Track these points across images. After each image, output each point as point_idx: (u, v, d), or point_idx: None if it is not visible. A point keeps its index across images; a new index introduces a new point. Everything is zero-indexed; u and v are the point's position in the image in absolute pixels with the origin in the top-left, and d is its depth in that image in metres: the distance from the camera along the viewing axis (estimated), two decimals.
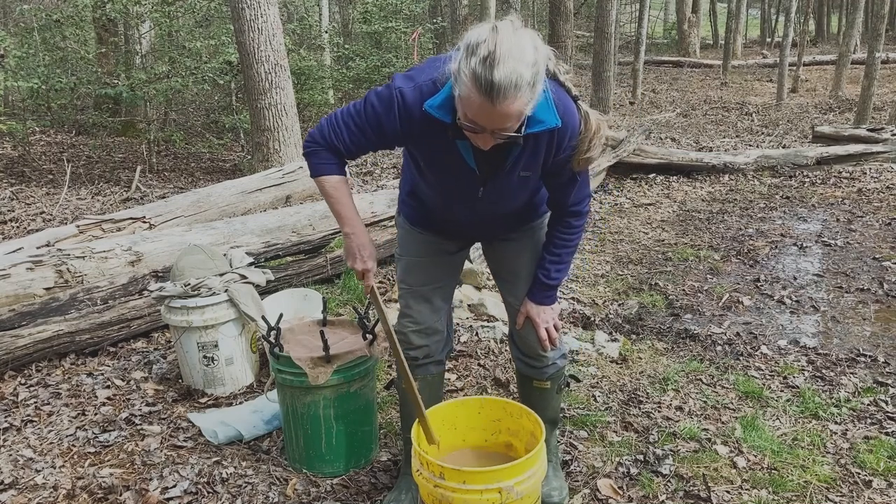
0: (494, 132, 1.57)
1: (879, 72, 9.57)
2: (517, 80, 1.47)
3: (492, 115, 1.53)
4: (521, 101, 1.50)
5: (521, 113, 1.54)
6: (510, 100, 1.49)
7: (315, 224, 4.24)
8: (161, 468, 2.40)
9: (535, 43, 1.52)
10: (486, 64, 1.46)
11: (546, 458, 1.89)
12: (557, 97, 1.67)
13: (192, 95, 9.89)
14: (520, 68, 1.47)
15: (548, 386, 2.18)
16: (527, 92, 1.50)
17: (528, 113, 1.56)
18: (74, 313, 3.28)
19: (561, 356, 2.18)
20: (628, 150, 6.62)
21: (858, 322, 3.71)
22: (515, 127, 1.57)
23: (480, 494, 1.71)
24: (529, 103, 1.54)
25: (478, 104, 1.51)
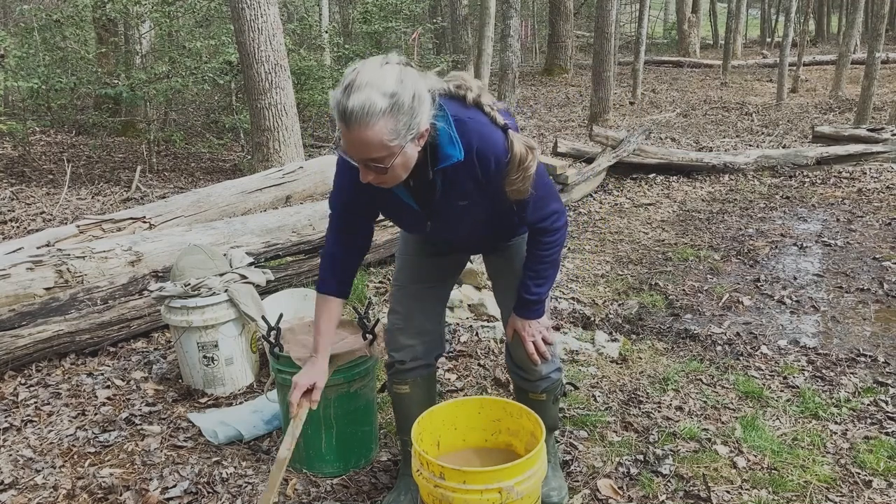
0: (367, 164, 1.60)
1: (879, 72, 9.57)
2: (369, 107, 1.50)
3: (352, 142, 1.56)
4: (376, 129, 1.52)
5: (380, 143, 1.54)
6: (363, 126, 1.51)
7: (315, 224, 4.24)
8: (161, 468, 2.40)
9: (404, 77, 1.54)
10: (345, 92, 1.52)
11: (546, 459, 1.89)
12: (466, 128, 1.67)
13: (192, 95, 9.89)
14: (374, 96, 1.50)
15: (543, 398, 2.18)
16: (382, 120, 1.51)
17: (394, 146, 1.56)
18: (74, 313, 3.28)
19: (556, 370, 2.16)
20: (628, 150, 6.62)
21: (858, 322, 3.71)
22: (383, 157, 1.57)
23: (480, 494, 1.71)
24: (390, 133, 1.54)
25: (342, 130, 1.56)
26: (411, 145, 1.60)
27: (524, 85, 14.33)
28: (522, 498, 1.77)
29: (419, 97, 1.56)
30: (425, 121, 1.59)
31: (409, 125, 1.55)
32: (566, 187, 5.87)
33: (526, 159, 1.69)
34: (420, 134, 1.60)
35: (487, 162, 1.70)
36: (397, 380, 2.17)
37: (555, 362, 2.16)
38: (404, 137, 1.56)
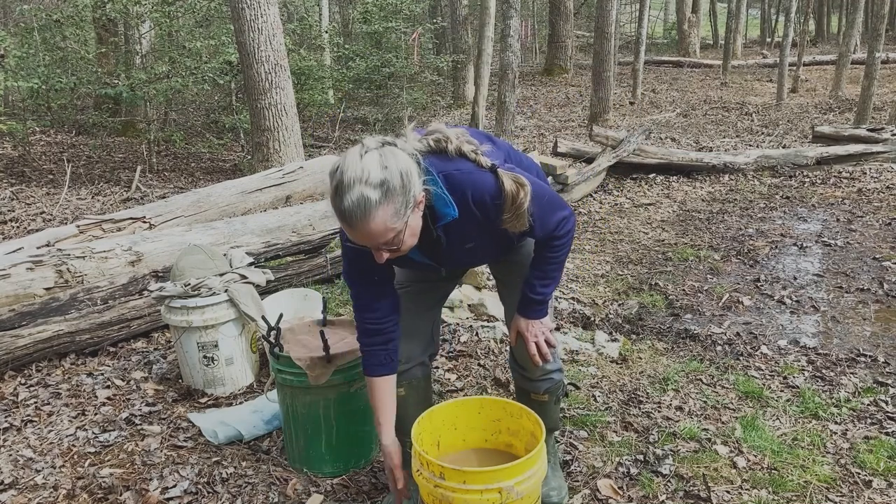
0: (379, 248, 1.65)
1: (879, 72, 9.56)
2: (364, 203, 1.53)
3: (358, 236, 1.61)
4: (377, 220, 1.56)
5: (386, 229, 1.59)
6: (364, 222, 1.56)
7: (315, 224, 4.24)
8: (161, 468, 2.40)
9: (387, 162, 1.57)
10: (337, 195, 1.56)
11: (546, 459, 1.89)
12: (454, 182, 1.70)
13: (192, 95, 9.89)
14: (366, 192, 1.53)
15: (545, 399, 2.19)
16: (380, 210, 1.55)
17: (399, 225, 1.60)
18: (74, 313, 3.28)
19: (557, 370, 2.17)
20: (628, 150, 6.62)
21: (858, 322, 3.71)
22: (392, 238, 1.62)
23: (480, 494, 1.71)
24: (393, 217, 1.58)
25: (346, 229, 1.62)
26: (413, 216, 1.64)
27: (524, 85, 14.33)
28: (522, 498, 1.77)
29: (406, 173, 1.59)
30: (419, 189, 1.62)
31: (405, 202, 1.59)
32: (566, 187, 5.87)
33: (518, 196, 1.71)
34: (418, 202, 1.63)
35: (485, 206, 1.73)
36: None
37: (556, 363, 2.17)
38: (405, 214, 1.60)
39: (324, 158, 6.44)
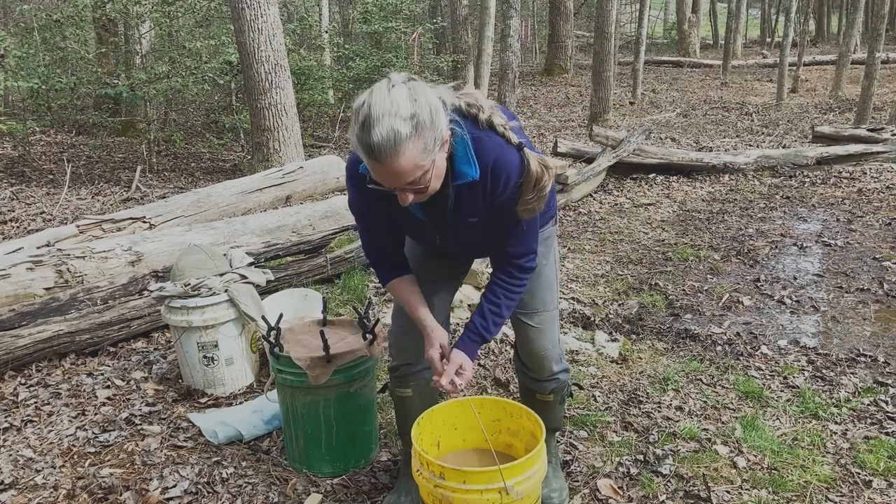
0: (404, 189, 1.59)
1: (879, 72, 9.56)
2: (395, 137, 1.48)
3: (386, 174, 1.55)
4: (407, 155, 1.51)
5: (415, 166, 1.54)
6: (394, 157, 1.50)
7: (315, 224, 4.24)
8: (161, 468, 2.40)
9: (416, 95, 1.52)
10: (364, 128, 1.49)
11: (546, 459, 1.89)
12: (483, 147, 1.66)
13: (192, 95, 9.88)
14: (396, 125, 1.48)
15: (550, 398, 2.19)
16: (411, 145, 1.50)
17: (427, 163, 1.56)
18: (74, 313, 3.28)
19: (563, 370, 2.18)
20: (628, 150, 6.62)
21: (858, 322, 3.71)
22: (420, 178, 1.57)
23: (481, 494, 1.71)
24: (422, 153, 1.53)
25: (372, 166, 1.55)
26: (440, 155, 1.60)
27: (524, 85, 14.33)
28: (522, 498, 1.77)
29: (434, 108, 1.54)
30: (446, 127, 1.59)
31: (434, 139, 1.55)
32: (566, 187, 5.87)
33: (542, 178, 1.68)
34: (444, 141, 1.59)
35: (500, 181, 1.68)
36: (400, 383, 2.16)
37: (562, 364, 2.18)
38: (433, 151, 1.56)
39: (324, 158, 6.44)
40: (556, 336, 2.13)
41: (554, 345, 2.12)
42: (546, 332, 2.08)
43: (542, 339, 2.08)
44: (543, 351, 2.09)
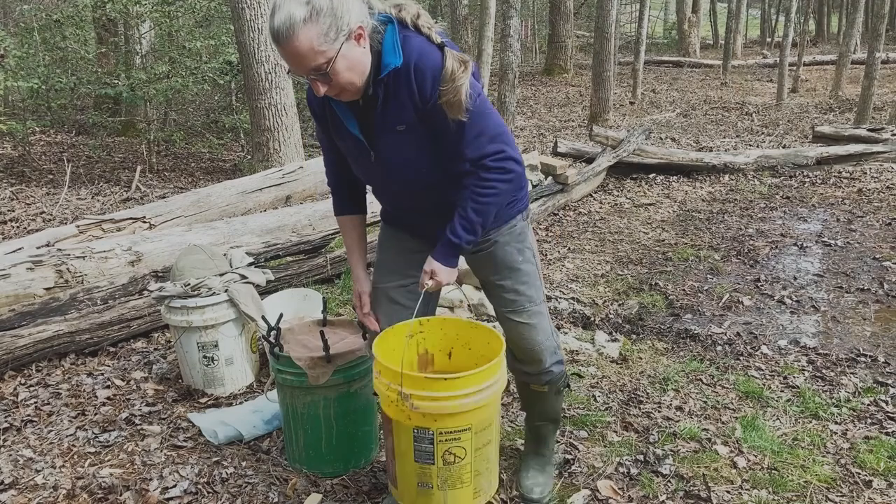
0: (311, 76, 1.67)
1: (879, 72, 9.56)
2: (289, 19, 1.59)
3: (287, 57, 1.66)
4: (302, 38, 1.60)
5: (311, 49, 1.62)
6: (290, 39, 1.61)
7: (315, 224, 4.24)
8: (161, 468, 2.40)
9: None
10: (271, 15, 1.63)
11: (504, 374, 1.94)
12: (409, 43, 1.73)
13: (192, 95, 9.88)
14: (292, 9, 1.59)
15: (545, 390, 2.19)
16: (304, 29, 1.59)
17: (328, 50, 1.63)
18: (74, 313, 3.28)
19: (557, 362, 2.17)
20: (628, 150, 6.62)
21: (858, 322, 3.71)
22: (323, 65, 1.64)
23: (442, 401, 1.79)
24: (320, 38, 1.61)
25: (278, 51, 1.68)
26: (348, 46, 1.66)
27: (524, 85, 14.33)
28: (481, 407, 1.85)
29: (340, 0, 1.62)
30: (354, 19, 1.65)
31: (335, 26, 1.62)
32: (566, 187, 5.87)
33: (457, 72, 1.70)
34: (353, 33, 1.65)
35: (424, 77, 1.71)
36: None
37: (557, 354, 2.17)
38: (335, 39, 1.63)
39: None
40: (549, 328, 2.12)
41: (548, 337, 2.11)
42: (537, 326, 2.07)
43: (535, 335, 2.07)
44: (538, 345, 2.08)
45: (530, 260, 2.07)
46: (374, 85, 1.74)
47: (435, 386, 1.80)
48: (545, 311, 2.11)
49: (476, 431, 1.90)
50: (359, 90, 1.74)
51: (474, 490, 1.99)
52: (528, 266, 2.05)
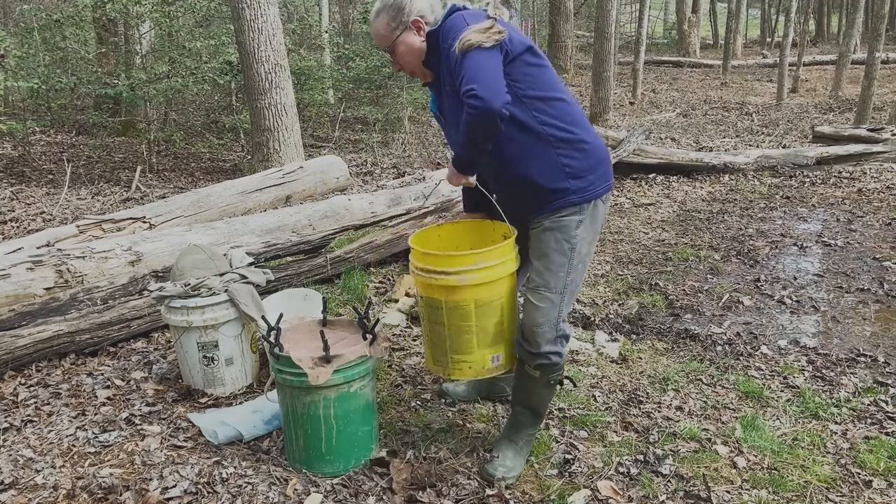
0: (387, 52, 2.23)
1: (879, 72, 9.57)
2: (374, 10, 2.20)
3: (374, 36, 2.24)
4: (377, 24, 2.20)
5: (378, 34, 2.20)
6: (372, 24, 2.22)
7: (315, 224, 4.24)
8: (161, 468, 2.40)
9: None
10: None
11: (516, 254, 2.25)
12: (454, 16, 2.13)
13: (192, 95, 9.89)
14: (377, 4, 2.18)
15: (536, 374, 2.28)
16: (378, 18, 2.18)
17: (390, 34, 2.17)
18: (74, 313, 3.28)
19: (555, 353, 2.24)
20: (628, 150, 6.62)
21: (859, 322, 3.71)
22: (389, 46, 2.20)
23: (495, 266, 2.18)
24: (386, 26, 2.17)
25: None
26: (407, 34, 2.17)
27: None
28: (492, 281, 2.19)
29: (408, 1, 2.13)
30: (414, 13, 2.14)
31: (398, 19, 2.15)
32: None
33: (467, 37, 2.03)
34: (412, 24, 2.15)
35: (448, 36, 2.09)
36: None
37: (557, 346, 2.24)
38: (396, 28, 2.16)
39: (324, 158, 6.44)
40: (554, 318, 2.20)
41: (549, 324, 2.20)
42: (542, 309, 2.19)
43: (537, 317, 2.19)
44: (537, 327, 2.20)
45: (565, 252, 2.19)
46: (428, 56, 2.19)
47: (434, 261, 2.21)
48: (558, 302, 2.20)
49: (478, 306, 2.22)
50: (420, 69, 2.23)
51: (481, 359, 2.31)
52: (558, 256, 2.19)
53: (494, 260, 2.18)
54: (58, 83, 7.39)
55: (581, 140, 2.17)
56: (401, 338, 3.46)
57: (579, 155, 2.17)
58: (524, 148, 2.15)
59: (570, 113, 2.17)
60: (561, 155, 2.15)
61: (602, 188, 2.23)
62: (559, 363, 2.27)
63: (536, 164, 2.15)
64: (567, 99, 2.19)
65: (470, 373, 2.31)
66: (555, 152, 2.15)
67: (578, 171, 2.17)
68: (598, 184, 2.21)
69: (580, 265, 2.23)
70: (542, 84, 2.13)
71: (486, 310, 2.23)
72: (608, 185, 2.25)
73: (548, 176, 2.16)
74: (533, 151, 2.15)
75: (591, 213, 2.21)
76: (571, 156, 2.16)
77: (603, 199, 2.25)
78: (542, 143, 2.14)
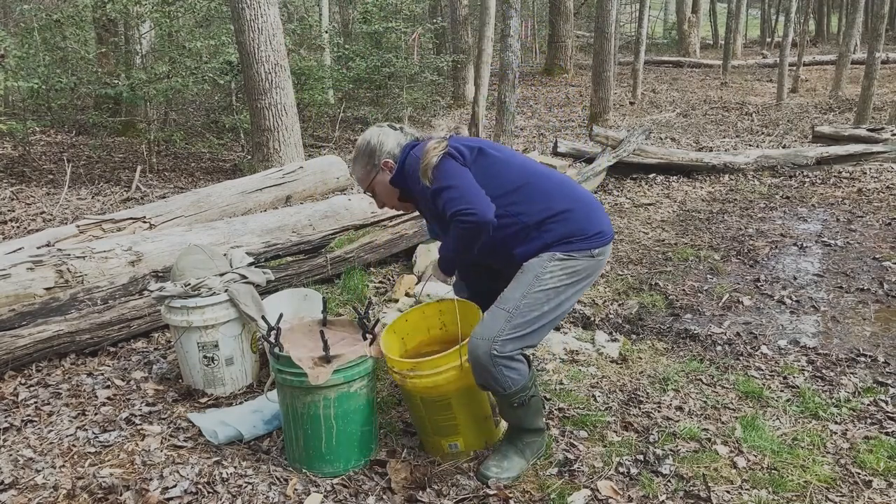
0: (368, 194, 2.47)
1: (879, 72, 9.57)
2: (354, 156, 2.41)
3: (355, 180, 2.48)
4: (355, 170, 2.42)
5: (359, 178, 2.42)
6: (352, 170, 2.45)
7: (315, 224, 4.24)
8: (161, 468, 2.40)
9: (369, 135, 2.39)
10: None
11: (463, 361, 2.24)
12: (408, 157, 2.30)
13: (192, 95, 9.88)
14: (354, 153, 2.40)
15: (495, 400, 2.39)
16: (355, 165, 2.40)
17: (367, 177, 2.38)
18: (74, 313, 3.28)
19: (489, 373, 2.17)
20: (628, 150, 6.62)
21: (858, 322, 3.71)
22: (366, 187, 2.42)
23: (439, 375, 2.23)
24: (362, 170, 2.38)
25: None
26: (382, 174, 2.36)
27: (524, 85, 14.32)
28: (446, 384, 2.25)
29: (376, 144, 2.35)
30: (384, 156, 2.34)
31: (372, 163, 2.36)
32: None
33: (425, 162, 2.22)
34: (384, 165, 2.34)
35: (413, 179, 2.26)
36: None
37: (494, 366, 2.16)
38: (372, 171, 2.37)
39: (324, 158, 6.44)
40: (493, 333, 2.15)
41: (486, 336, 2.15)
42: (485, 322, 2.20)
43: (479, 326, 2.21)
44: (474, 335, 2.19)
45: (528, 279, 2.20)
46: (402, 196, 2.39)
47: (388, 356, 2.31)
48: (502, 320, 2.17)
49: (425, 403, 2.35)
50: (396, 204, 2.43)
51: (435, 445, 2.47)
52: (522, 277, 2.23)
53: (436, 368, 2.24)
54: (58, 83, 7.39)
55: (560, 212, 2.24)
56: None
57: (563, 226, 2.24)
58: (508, 240, 2.25)
59: (540, 190, 2.25)
60: (545, 233, 2.24)
61: (591, 244, 2.25)
62: (502, 389, 2.20)
63: (521, 247, 2.26)
64: (533, 179, 2.27)
65: (433, 452, 2.48)
66: (537, 233, 2.24)
67: (565, 237, 2.24)
68: (586, 243, 2.24)
69: (541, 296, 2.18)
70: (505, 179, 2.24)
71: (434, 406, 2.35)
72: (602, 241, 2.27)
73: (533, 251, 2.25)
74: (517, 240, 2.25)
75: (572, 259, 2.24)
76: (554, 230, 2.24)
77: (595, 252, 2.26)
78: (522, 230, 2.24)
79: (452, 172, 2.18)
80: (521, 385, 2.22)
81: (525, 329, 2.18)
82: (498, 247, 2.27)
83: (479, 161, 2.25)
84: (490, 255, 2.33)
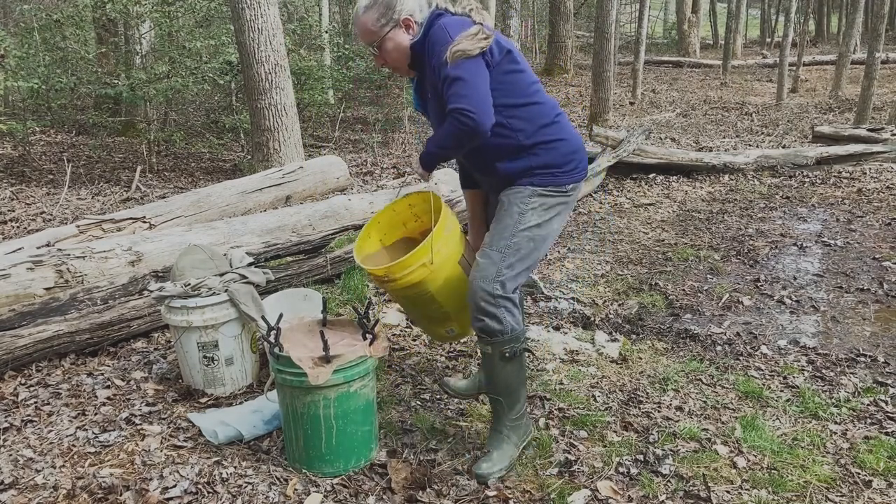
0: (371, 50, 2.24)
1: (879, 72, 9.57)
2: (360, 5, 2.20)
3: (357, 31, 2.23)
4: (362, 19, 2.19)
5: (366, 30, 2.19)
6: (356, 19, 2.21)
7: (315, 224, 4.24)
8: (161, 468, 2.40)
9: None
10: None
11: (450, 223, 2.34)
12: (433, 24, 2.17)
13: (192, 95, 9.89)
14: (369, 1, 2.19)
15: (489, 350, 2.31)
16: (365, 14, 2.18)
17: (378, 31, 2.17)
18: (74, 313, 3.28)
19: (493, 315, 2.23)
20: (628, 150, 6.62)
21: (858, 322, 3.71)
22: (374, 41, 2.20)
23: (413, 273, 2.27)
24: (374, 22, 2.17)
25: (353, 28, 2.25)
26: (396, 31, 2.19)
27: None
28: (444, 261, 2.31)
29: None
30: (405, 12, 2.17)
31: (388, 16, 2.17)
32: None
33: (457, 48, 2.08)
34: (402, 22, 2.18)
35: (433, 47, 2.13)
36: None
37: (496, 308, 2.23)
38: (385, 25, 2.17)
39: (324, 158, 6.44)
40: (491, 274, 2.22)
41: (485, 279, 2.22)
42: (481, 264, 2.25)
43: (475, 270, 2.26)
44: (472, 280, 2.25)
45: (513, 215, 2.26)
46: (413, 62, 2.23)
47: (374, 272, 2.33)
48: (497, 260, 2.24)
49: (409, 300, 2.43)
50: (402, 67, 2.26)
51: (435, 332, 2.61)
52: (507, 218, 2.27)
53: (408, 268, 2.28)
54: (58, 83, 7.40)
55: (552, 140, 2.28)
56: (401, 338, 3.46)
57: (549, 154, 2.28)
58: (496, 151, 2.27)
59: (543, 115, 2.28)
60: (532, 155, 2.27)
61: (567, 179, 2.32)
62: (502, 331, 2.26)
63: (507, 163, 2.28)
64: (540, 100, 2.29)
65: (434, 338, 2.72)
66: (525, 153, 2.27)
67: (547, 165, 2.28)
68: (564, 177, 2.30)
69: (527, 234, 2.26)
70: (517, 91, 2.23)
71: (420, 300, 2.40)
72: (577, 177, 2.35)
73: (517, 173, 2.28)
74: (504, 153, 2.27)
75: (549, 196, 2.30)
76: (540, 155, 2.27)
77: (569, 187, 2.33)
78: (513, 146, 2.26)
79: (475, 70, 2.11)
80: (520, 331, 2.31)
81: (519, 267, 2.27)
82: (484, 153, 2.28)
83: (503, 64, 2.20)
84: (473, 157, 2.33)
